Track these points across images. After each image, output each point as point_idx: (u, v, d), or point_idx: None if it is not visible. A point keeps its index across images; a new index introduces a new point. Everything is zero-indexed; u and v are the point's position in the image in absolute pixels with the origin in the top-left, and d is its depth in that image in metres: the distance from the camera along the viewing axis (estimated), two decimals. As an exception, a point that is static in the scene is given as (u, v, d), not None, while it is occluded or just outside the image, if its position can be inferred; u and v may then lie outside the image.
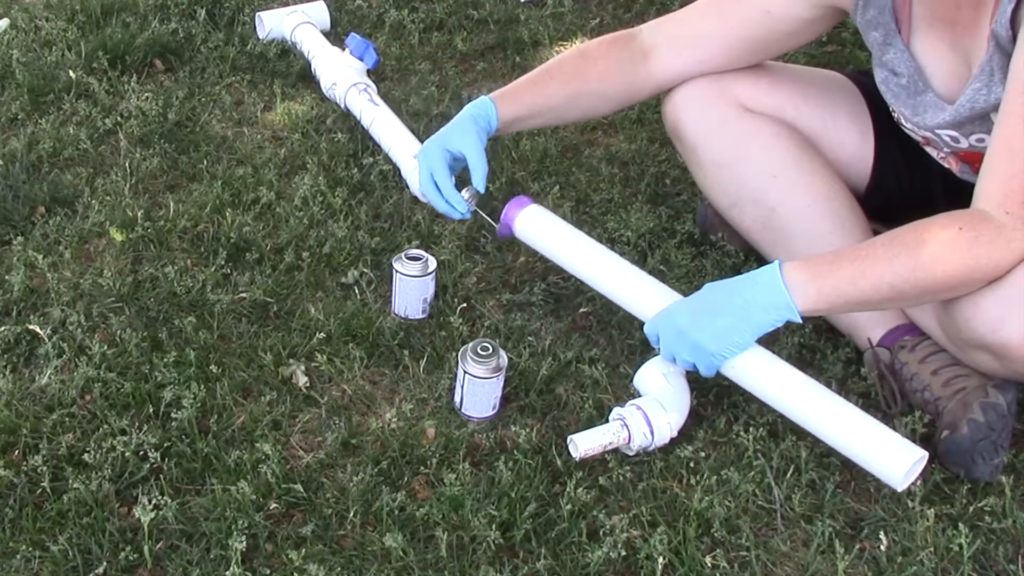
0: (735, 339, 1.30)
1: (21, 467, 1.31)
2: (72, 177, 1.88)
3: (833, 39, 2.43)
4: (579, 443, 1.33)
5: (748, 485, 1.33)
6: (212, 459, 1.34)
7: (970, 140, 1.41)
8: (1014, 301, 1.23)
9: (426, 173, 1.51)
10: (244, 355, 1.51)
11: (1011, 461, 1.39)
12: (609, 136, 2.12)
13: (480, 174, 1.49)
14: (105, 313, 1.57)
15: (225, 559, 1.21)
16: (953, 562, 1.26)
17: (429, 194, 1.52)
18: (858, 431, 1.29)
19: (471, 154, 1.49)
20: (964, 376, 1.38)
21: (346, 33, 2.24)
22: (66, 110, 2.07)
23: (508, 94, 1.55)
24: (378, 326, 1.57)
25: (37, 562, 1.21)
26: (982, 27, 1.30)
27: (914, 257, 1.23)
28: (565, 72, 1.57)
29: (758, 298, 1.28)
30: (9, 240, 1.71)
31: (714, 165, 1.58)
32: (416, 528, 1.27)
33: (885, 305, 1.40)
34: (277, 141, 2.04)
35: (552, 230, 1.53)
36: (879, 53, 1.45)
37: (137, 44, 2.24)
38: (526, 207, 1.53)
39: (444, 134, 1.52)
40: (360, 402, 1.46)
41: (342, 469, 1.35)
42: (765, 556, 1.27)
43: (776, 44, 1.54)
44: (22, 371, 1.47)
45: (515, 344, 1.55)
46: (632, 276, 1.47)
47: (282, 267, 1.68)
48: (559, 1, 2.59)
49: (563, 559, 1.25)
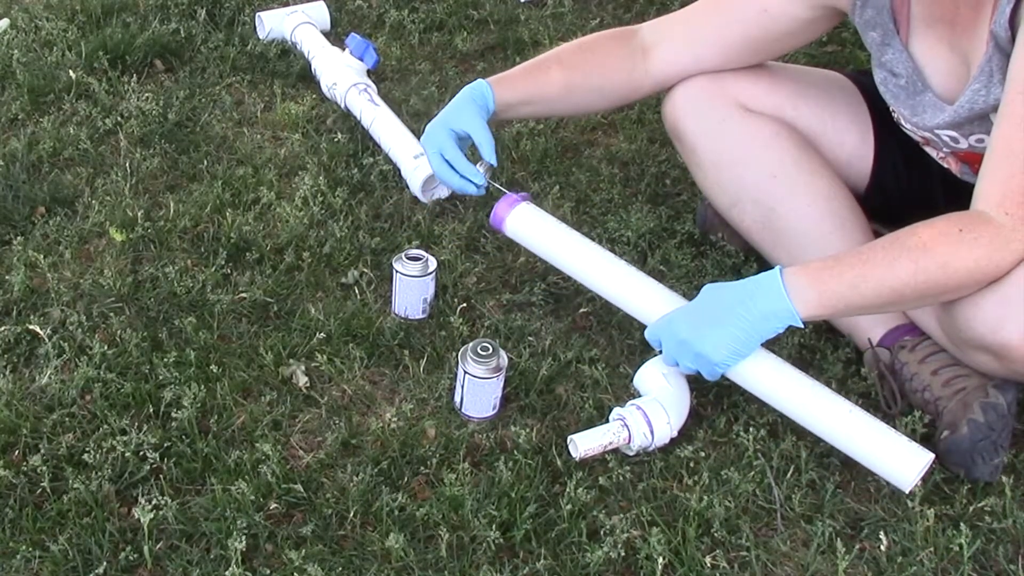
0: (737, 348, 1.30)
1: (21, 467, 1.31)
2: (72, 177, 1.88)
3: (833, 39, 2.43)
4: (579, 443, 1.33)
5: (748, 485, 1.33)
6: (212, 459, 1.34)
7: (970, 140, 1.41)
8: (1014, 301, 1.23)
9: (435, 153, 1.51)
10: (244, 355, 1.51)
11: (1011, 461, 1.39)
12: (609, 136, 2.12)
13: (489, 148, 1.48)
14: (105, 313, 1.57)
15: (225, 559, 1.21)
16: (953, 562, 1.26)
17: (441, 173, 1.51)
18: (867, 435, 1.29)
19: (476, 131, 1.49)
20: (964, 376, 1.38)
21: (346, 33, 2.24)
22: (66, 110, 2.07)
23: (506, 79, 1.55)
24: (378, 326, 1.57)
25: (37, 562, 1.21)
26: (981, 27, 1.30)
27: (914, 260, 1.23)
28: (563, 62, 1.57)
29: (760, 305, 1.28)
30: (9, 240, 1.71)
31: (714, 165, 1.58)
32: (416, 528, 1.27)
33: (886, 308, 1.40)
34: (277, 141, 2.04)
35: (543, 229, 1.53)
36: (878, 54, 1.45)
37: (137, 44, 2.24)
38: (516, 206, 1.53)
39: (446, 115, 1.52)
40: (360, 402, 1.46)
41: (342, 469, 1.35)
42: (765, 556, 1.27)
43: (775, 44, 1.54)
44: (22, 371, 1.47)
45: (515, 344, 1.55)
46: (624, 274, 1.46)
47: (282, 267, 1.68)
48: (559, 1, 2.60)
49: (563, 559, 1.25)
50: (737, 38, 1.53)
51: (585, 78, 1.57)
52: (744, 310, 1.29)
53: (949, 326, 1.34)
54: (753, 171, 1.55)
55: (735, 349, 1.30)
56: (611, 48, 1.58)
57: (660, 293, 1.44)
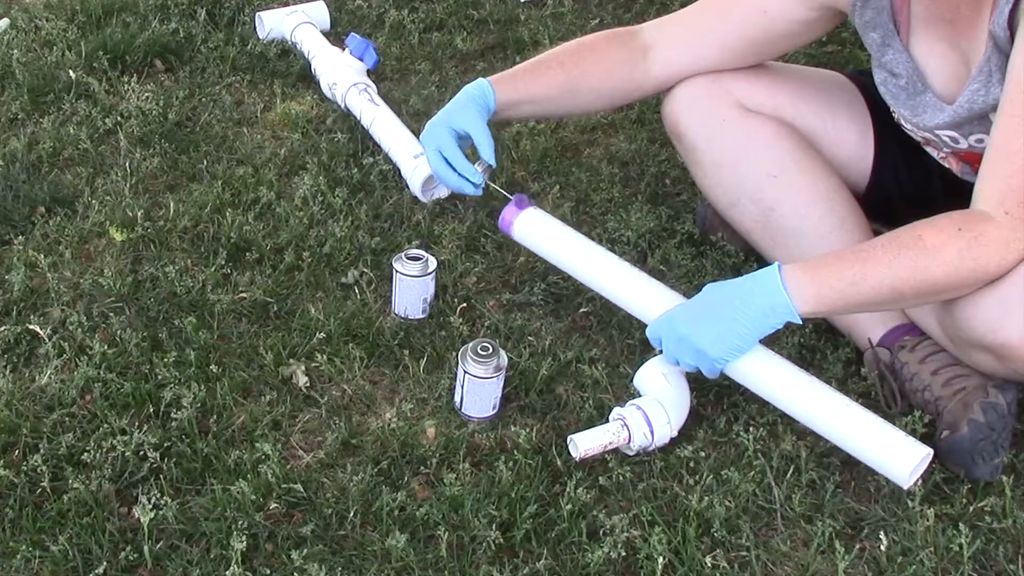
0: (736, 343, 1.30)
1: (21, 467, 1.31)
2: (72, 177, 1.88)
3: (833, 39, 2.43)
4: (579, 443, 1.33)
5: (748, 485, 1.33)
6: (212, 459, 1.34)
7: (969, 140, 1.41)
8: (1014, 301, 1.23)
9: (434, 151, 1.50)
10: (244, 355, 1.51)
11: (1011, 461, 1.39)
12: (609, 136, 2.12)
13: (488, 148, 1.48)
14: (105, 313, 1.57)
15: (225, 559, 1.21)
16: (953, 562, 1.26)
17: (440, 171, 1.51)
18: (863, 430, 1.29)
19: (476, 131, 1.49)
20: (964, 376, 1.38)
21: (346, 33, 2.24)
22: (66, 110, 2.07)
23: (506, 78, 1.55)
24: (378, 326, 1.57)
25: (37, 562, 1.21)
26: (980, 27, 1.30)
27: (914, 259, 1.23)
28: (564, 62, 1.57)
29: (758, 301, 1.28)
30: (9, 240, 1.71)
31: (714, 165, 1.58)
32: (416, 528, 1.27)
33: (885, 307, 1.40)
34: (277, 141, 2.04)
35: (550, 233, 1.53)
36: (878, 54, 1.45)
37: (137, 44, 2.24)
38: (524, 210, 1.53)
39: (446, 114, 1.52)
40: (360, 402, 1.46)
41: (342, 469, 1.35)
42: (765, 556, 1.27)
43: (774, 45, 1.54)
44: (22, 371, 1.47)
45: (515, 344, 1.55)
46: (631, 278, 1.47)
47: (282, 267, 1.68)
48: (559, 1, 2.59)
49: (563, 559, 1.25)
50: (737, 38, 1.53)
51: (586, 78, 1.57)
52: (743, 306, 1.29)
53: (949, 325, 1.34)
54: (753, 171, 1.55)
55: (734, 345, 1.30)
56: (612, 48, 1.58)
57: (668, 298, 1.43)
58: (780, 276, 1.27)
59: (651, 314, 1.43)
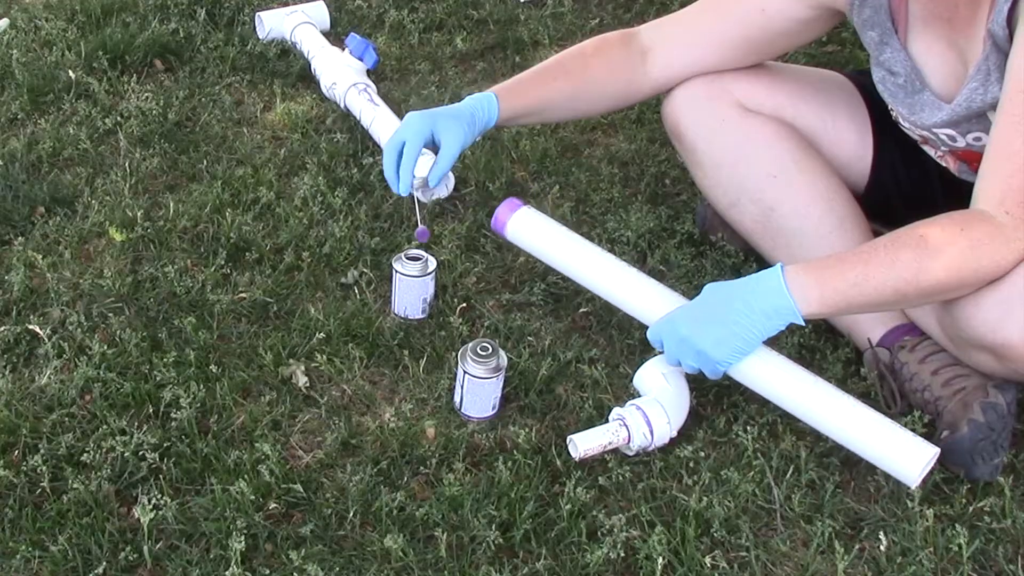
0: (739, 345, 1.30)
1: (21, 467, 1.31)
2: (72, 177, 1.88)
3: (833, 39, 2.43)
4: (579, 443, 1.33)
5: (748, 485, 1.33)
6: (212, 459, 1.34)
7: (967, 139, 1.41)
8: (1014, 301, 1.23)
9: (397, 138, 1.49)
10: (244, 355, 1.51)
11: (1011, 461, 1.39)
12: (609, 136, 2.12)
13: (440, 170, 1.48)
14: (105, 313, 1.57)
15: (225, 559, 1.21)
16: (953, 562, 1.26)
17: (387, 156, 1.49)
18: (872, 429, 1.29)
19: (446, 148, 1.48)
20: (964, 376, 1.38)
21: (346, 33, 2.24)
22: (66, 110, 2.07)
23: (512, 91, 1.54)
24: (378, 326, 1.57)
25: (37, 562, 1.21)
26: (979, 26, 1.30)
27: (916, 259, 1.23)
28: (566, 71, 1.57)
29: (761, 303, 1.28)
30: (9, 240, 1.71)
31: (714, 165, 1.58)
32: (416, 528, 1.27)
33: (887, 307, 1.40)
34: (277, 141, 2.04)
35: (544, 234, 1.53)
36: (876, 52, 1.45)
37: (137, 44, 2.24)
38: (517, 210, 1.53)
39: (436, 115, 1.50)
40: (360, 402, 1.46)
41: (342, 469, 1.35)
42: (765, 556, 1.27)
43: (773, 44, 1.54)
44: (22, 371, 1.47)
45: (515, 344, 1.55)
46: (627, 277, 1.47)
47: (282, 267, 1.68)
48: (559, 1, 2.60)
49: (563, 559, 1.25)
50: (736, 38, 1.53)
51: (588, 85, 1.57)
52: (745, 308, 1.29)
53: (949, 325, 1.34)
54: (753, 171, 1.55)
55: (737, 347, 1.30)
56: (612, 53, 1.58)
57: (662, 295, 1.44)
58: (783, 278, 1.27)
59: (645, 312, 1.43)
